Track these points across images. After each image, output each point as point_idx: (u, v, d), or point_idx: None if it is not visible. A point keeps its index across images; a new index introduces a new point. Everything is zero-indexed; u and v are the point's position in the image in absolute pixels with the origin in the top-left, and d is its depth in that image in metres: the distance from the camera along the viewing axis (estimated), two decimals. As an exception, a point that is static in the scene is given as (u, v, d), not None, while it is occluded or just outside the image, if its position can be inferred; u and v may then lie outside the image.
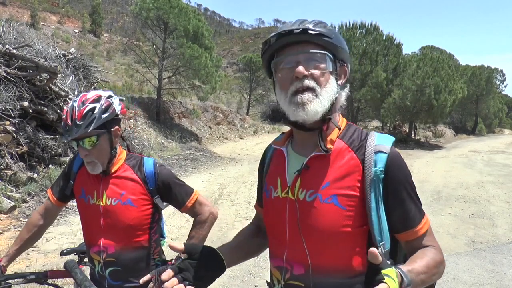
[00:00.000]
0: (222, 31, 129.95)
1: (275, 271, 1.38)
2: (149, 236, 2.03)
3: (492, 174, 12.97)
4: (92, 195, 1.99)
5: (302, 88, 1.24)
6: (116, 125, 1.96)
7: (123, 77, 22.25)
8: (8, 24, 9.66)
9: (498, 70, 42.68)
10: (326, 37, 1.24)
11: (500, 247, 6.08)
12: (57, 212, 2.24)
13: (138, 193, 1.97)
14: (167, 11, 16.07)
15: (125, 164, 2.02)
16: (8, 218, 6.28)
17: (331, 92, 1.27)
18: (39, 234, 2.17)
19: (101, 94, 1.92)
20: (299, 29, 1.23)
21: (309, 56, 1.26)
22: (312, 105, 1.23)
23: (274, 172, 1.43)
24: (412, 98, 22.13)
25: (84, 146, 1.86)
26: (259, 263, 5.14)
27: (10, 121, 7.53)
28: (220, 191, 9.09)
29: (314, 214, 1.26)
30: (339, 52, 1.30)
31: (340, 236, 1.23)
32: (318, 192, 1.26)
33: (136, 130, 13.39)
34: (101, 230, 1.97)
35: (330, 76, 1.28)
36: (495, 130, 46.61)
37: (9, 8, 37.29)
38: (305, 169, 1.30)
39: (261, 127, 25.98)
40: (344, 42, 1.32)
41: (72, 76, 10.34)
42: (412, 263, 1.16)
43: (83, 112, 1.81)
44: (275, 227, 1.39)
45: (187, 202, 2.06)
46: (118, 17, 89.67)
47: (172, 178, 2.07)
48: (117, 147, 2.02)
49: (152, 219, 2.04)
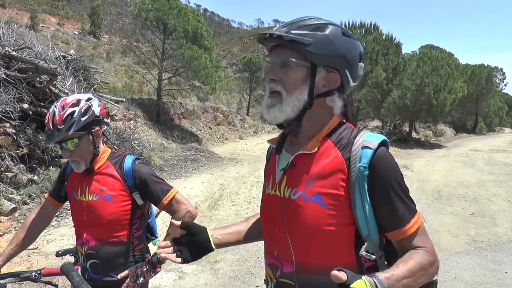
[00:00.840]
0: (222, 32, 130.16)
1: (268, 268, 1.41)
2: (129, 232, 2.10)
3: (492, 173, 12.96)
4: (77, 192, 2.11)
5: (270, 91, 1.30)
6: (97, 126, 2.06)
7: (123, 78, 22.30)
8: (7, 26, 9.68)
9: (498, 69, 42.62)
10: (302, 45, 1.24)
11: (501, 246, 6.08)
12: (53, 212, 2.32)
13: (118, 189, 2.05)
14: (166, 12, 16.05)
15: (108, 162, 2.12)
16: (8, 220, 6.28)
17: (297, 100, 1.27)
18: (35, 234, 2.24)
19: (81, 98, 2.01)
20: (274, 34, 1.26)
21: (283, 61, 1.28)
22: (273, 110, 1.29)
23: (269, 169, 1.47)
24: (412, 97, 22.12)
25: (67, 148, 1.97)
26: (260, 263, 5.14)
27: (10, 123, 7.53)
28: (221, 192, 9.09)
29: (298, 212, 1.27)
30: (321, 59, 1.27)
31: (324, 235, 1.23)
32: (302, 190, 1.27)
33: (136, 131, 13.39)
34: (84, 224, 2.08)
35: (302, 84, 1.28)
36: (495, 129, 46.59)
37: (9, 10, 37.31)
38: (291, 167, 1.32)
39: (261, 127, 25.99)
40: (335, 47, 1.27)
41: (72, 77, 10.35)
42: (393, 269, 1.14)
43: (63, 117, 1.91)
44: (267, 224, 1.42)
45: (163, 199, 2.08)
46: (118, 18, 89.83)
47: (149, 175, 2.10)
48: (100, 145, 2.11)
49: (132, 215, 2.10)
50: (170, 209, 2.11)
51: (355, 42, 1.33)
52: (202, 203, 8.12)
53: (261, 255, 5.41)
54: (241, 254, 5.47)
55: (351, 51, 1.30)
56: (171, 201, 2.09)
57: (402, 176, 1.28)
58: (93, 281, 2.05)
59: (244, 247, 5.70)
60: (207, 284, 4.57)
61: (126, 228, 2.09)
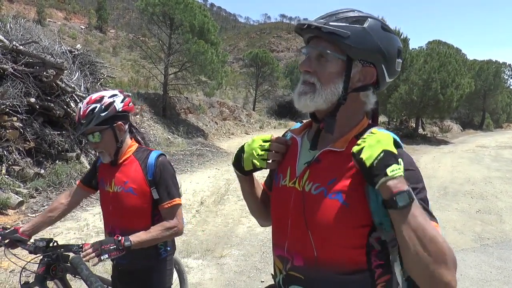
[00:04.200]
0: (228, 27, 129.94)
1: (277, 260, 1.40)
2: (152, 223, 2.20)
3: (499, 169, 12.88)
4: (106, 182, 2.27)
5: (304, 81, 1.29)
6: (120, 121, 2.19)
7: (129, 73, 22.29)
8: (15, 20, 9.70)
9: (506, 65, 42.44)
10: (338, 36, 1.21)
11: (507, 243, 6.04)
12: (81, 195, 2.51)
13: (139, 182, 2.17)
14: (172, 6, 16.04)
15: (133, 156, 2.25)
16: (16, 214, 6.33)
17: (331, 93, 1.25)
18: (60, 212, 2.41)
19: (104, 95, 2.17)
20: (312, 25, 1.24)
21: (319, 53, 1.27)
22: (304, 98, 1.27)
23: (286, 160, 1.44)
24: (419, 93, 22.03)
25: (91, 140, 2.15)
26: (265, 258, 5.14)
27: (17, 117, 7.58)
28: (227, 187, 9.10)
29: (317, 208, 1.25)
30: (358, 53, 1.24)
31: (340, 232, 1.21)
32: (324, 186, 1.25)
33: (142, 125, 13.44)
34: (110, 214, 2.27)
35: (337, 77, 1.26)
36: (502, 125, 46.30)
37: (16, 5, 37.43)
38: (316, 162, 1.30)
39: (267, 122, 25.96)
40: (373, 41, 1.24)
41: (79, 72, 10.37)
42: None
43: (86, 112, 2.10)
44: (279, 216, 1.40)
45: (165, 203, 2.17)
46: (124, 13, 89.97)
47: (167, 175, 2.21)
48: (125, 140, 2.25)
49: (154, 207, 2.21)
50: (165, 215, 2.19)
51: (394, 37, 1.30)
52: (208, 198, 8.14)
53: (267, 251, 5.41)
54: (246, 249, 5.48)
55: (389, 46, 1.27)
56: (170, 207, 2.18)
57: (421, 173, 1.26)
58: (120, 266, 2.27)
59: (250, 242, 5.71)
60: (213, 279, 4.58)
61: (148, 219, 2.20)
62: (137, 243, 2.02)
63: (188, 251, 5.31)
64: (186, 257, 5.12)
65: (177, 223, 2.17)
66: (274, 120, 27.45)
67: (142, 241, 2.05)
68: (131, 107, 2.27)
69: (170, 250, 2.38)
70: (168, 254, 2.36)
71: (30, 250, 2.13)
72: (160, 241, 2.19)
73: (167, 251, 2.35)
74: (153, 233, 2.10)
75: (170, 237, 2.21)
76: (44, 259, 2.10)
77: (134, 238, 2.01)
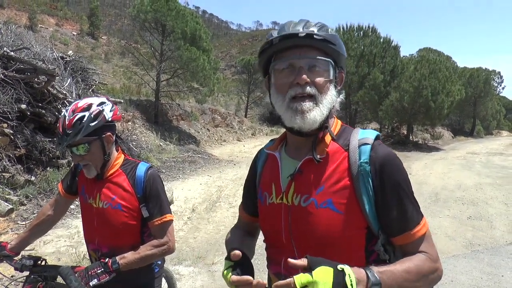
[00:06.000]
0: (220, 34, 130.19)
1: (274, 277, 1.36)
2: (141, 239, 2.09)
3: (490, 176, 12.98)
4: (89, 195, 2.12)
5: (302, 94, 1.21)
6: (109, 131, 2.03)
7: (121, 79, 22.20)
8: (6, 26, 9.65)
9: (495, 72, 42.89)
10: (330, 44, 1.22)
11: (498, 249, 6.08)
12: (66, 205, 2.38)
13: (128, 199, 2.04)
14: (164, 13, 16.04)
15: (120, 169, 2.10)
16: (5, 221, 6.26)
17: (330, 100, 1.25)
18: (48, 223, 2.31)
19: (92, 102, 1.99)
20: (304, 33, 1.20)
21: (313, 62, 1.23)
22: (311, 114, 1.21)
23: (268, 178, 1.40)
24: (410, 100, 22.17)
25: (76, 153, 1.97)
26: (257, 265, 5.11)
27: (7, 123, 7.51)
28: (218, 194, 9.08)
29: (309, 220, 1.23)
30: (340, 59, 1.27)
31: (336, 241, 1.20)
32: (313, 196, 1.23)
33: (134, 132, 13.37)
34: (95, 230, 2.10)
35: (330, 84, 1.26)
36: (493, 131, 46.71)
37: (7, 10, 37.19)
38: (299, 174, 1.27)
39: (259, 129, 26.00)
40: (343, 47, 1.29)
41: (70, 78, 10.33)
42: (389, 266, 1.12)
43: (72, 122, 1.90)
44: (273, 233, 1.36)
45: (155, 219, 2.03)
46: (116, 19, 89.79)
47: (157, 190, 2.06)
48: (112, 152, 2.09)
49: (143, 224, 2.08)
50: (155, 232, 2.06)
51: None
52: (200, 205, 8.11)
53: (258, 258, 5.38)
54: (238, 256, 5.46)
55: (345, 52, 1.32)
56: (161, 225, 2.05)
57: (406, 171, 1.26)
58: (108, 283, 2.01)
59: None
60: (204, 286, 4.55)
61: (137, 236, 2.09)
62: (125, 265, 1.92)
63: (179, 258, 5.28)
64: (177, 264, 5.09)
65: (167, 240, 2.04)
66: (266, 127, 27.50)
67: (130, 262, 1.93)
68: (119, 116, 2.14)
69: (160, 264, 2.31)
70: (159, 269, 2.29)
71: (17, 267, 2.05)
72: (150, 261, 2.06)
73: (159, 265, 2.28)
74: (142, 253, 1.97)
75: (160, 256, 2.08)
76: (30, 276, 2.03)
77: (122, 260, 1.91)
